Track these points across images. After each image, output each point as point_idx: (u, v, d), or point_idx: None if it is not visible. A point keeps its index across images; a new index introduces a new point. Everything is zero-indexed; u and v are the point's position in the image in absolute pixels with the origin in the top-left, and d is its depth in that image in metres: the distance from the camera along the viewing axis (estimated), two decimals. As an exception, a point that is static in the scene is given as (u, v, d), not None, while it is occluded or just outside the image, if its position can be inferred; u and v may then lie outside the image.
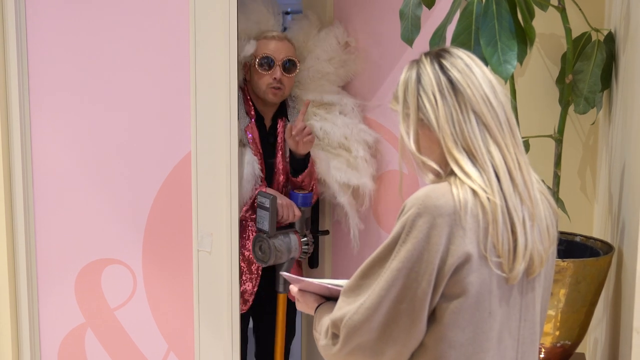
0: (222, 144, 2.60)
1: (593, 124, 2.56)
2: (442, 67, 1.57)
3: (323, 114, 2.98)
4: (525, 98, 2.50)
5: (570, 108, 2.37)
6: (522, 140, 2.24)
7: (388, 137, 3.03)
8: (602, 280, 2.18)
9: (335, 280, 1.76)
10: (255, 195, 2.81)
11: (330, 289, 1.73)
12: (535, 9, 2.18)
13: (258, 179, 2.83)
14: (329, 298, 1.77)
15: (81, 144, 2.77)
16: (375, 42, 3.03)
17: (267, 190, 2.83)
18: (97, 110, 2.75)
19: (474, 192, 1.50)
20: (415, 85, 1.59)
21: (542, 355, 2.21)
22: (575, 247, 2.33)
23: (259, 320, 3.10)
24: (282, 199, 2.84)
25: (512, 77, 2.15)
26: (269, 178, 2.92)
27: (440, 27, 2.11)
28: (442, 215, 1.47)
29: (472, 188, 1.50)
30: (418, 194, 1.51)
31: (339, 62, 3.01)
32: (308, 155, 2.90)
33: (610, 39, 2.37)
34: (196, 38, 2.58)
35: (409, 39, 2.19)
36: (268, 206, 2.74)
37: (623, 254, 2.11)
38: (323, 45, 2.99)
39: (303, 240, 2.89)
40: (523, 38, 2.01)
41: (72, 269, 2.84)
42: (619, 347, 2.06)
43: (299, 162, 2.90)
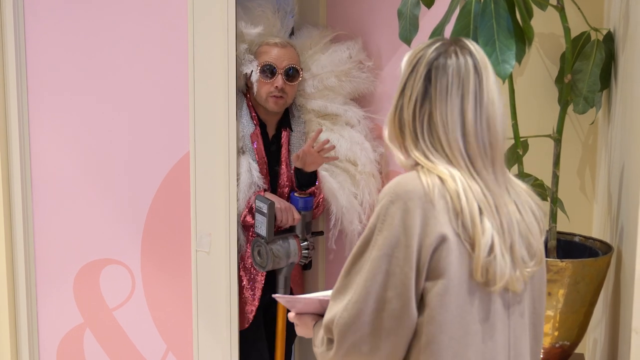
0: (221, 144, 2.59)
1: (592, 123, 2.55)
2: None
3: (329, 125, 2.92)
4: (524, 98, 2.50)
5: (570, 108, 2.36)
6: (521, 140, 2.26)
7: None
8: (601, 280, 2.17)
9: (326, 292, 1.75)
10: (254, 200, 2.78)
11: (322, 302, 1.73)
12: (535, 9, 2.18)
13: (257, 187, 2.80)
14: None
15: (80, 144, 2.77)
16: (369, 42, 3.01)
17: (265, 194, 2.80)
18: (95, 110, 2.75)
19: (440, 178, 1.54)
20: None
21: (541, 356, 2.20)
22: (574, 247, 2.32)
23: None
24: (282, 203, 2.81)
25: (511, 76, 2.14)
26: (272, 187, 2.89)
27: (439, 27, 2.11)
28: (412, 199, 1.52)
29: (438, 175, 1.55)
30: (389, 184, 1.56)
31: (347, 77, 2.93)
32: (315, 171, 2.87)
33: (610, 38, 2.37)
34: (194, 37, 2.57)
35: (407, 39, 2.18)
36: (265, 211, 2.72)
37: (622, 254, 2.10)
38: (332, 56, 2.92)
39: (303, 244, 2.85)
40: (521, 37, 2.00)
41: (71, 269, 2.83)
42: (618, 347, 2.06)
43: (305, 177, 2.85)
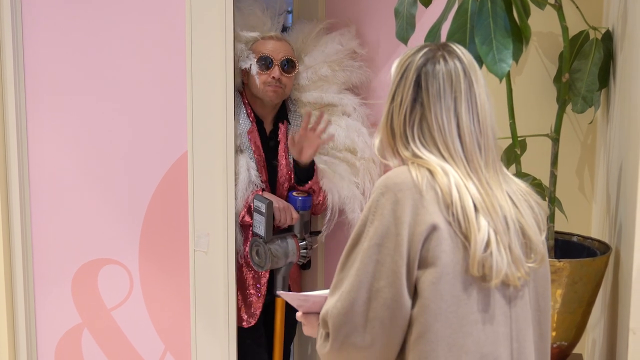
0: (219, 144, 2.59)
1: (591, 123, 2.55)
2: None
3: (325, 116, 2.94)
4: (522, 97, 2.49)
5: (569, 107, 2.36)
6: (519, 139, 2.26)
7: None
8: (598, 280, 2.16)
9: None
10: (252, 199, 2.78)
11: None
12: (533, 7, 2.17)
13: (255, 185, 2.80)
14: None
15: (77, 144, 2.77)
16: (368, 37, 3.01)
17: (263, 194, 2.80)
18: (93, 110, 2.74)
19: (430, 171, 1.57)
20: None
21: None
22: (572, 247, 2.32)
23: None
24: (279, 202, 2.81)
25: (509, 75, 2.14)
26: (271, 183, 2.90)
27: (435, 26, 2.10)
28: (402, 190, 1.54)
29: (428, 168, 1.57)
30: (380, 179, 1.59)
31: (339, 66, 2.95)
32: (312, 164, 2.87)
33: (608, 37, 2.36)
34: (192, 37, 2.57)
35: (404, 38, 2.18)
36: (264, 211, 2.72)
37: (620, 254, 2.10)
38: (323, 47, 2.95)
39: (301, 244, 2.85)
40: (518, 36, 2.00)
41: (69, 269, 2.83)
42: (616, 347, 2.05)
43: (303, 172, 2.86)
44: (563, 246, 2.31)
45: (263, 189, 2.83)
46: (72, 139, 2.77)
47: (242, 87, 2.91)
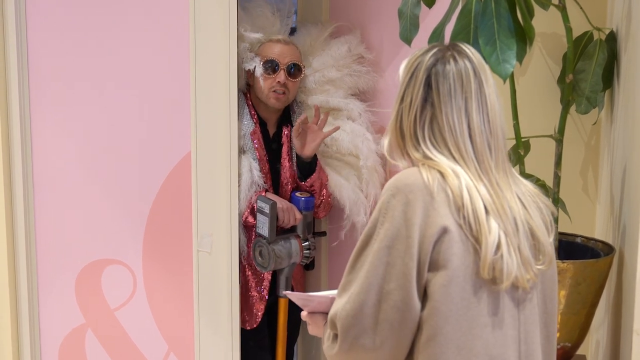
0: (222, 144, 2.59)
1: (595, 123, 2.54)
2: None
3: (330, 120, 2.92)
4: (526, 98, 2.49)
5: (573, 108, 2.35)
6: (523, 140, 2.25)
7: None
8: (602, 281, 2.16)
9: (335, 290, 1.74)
10: (255, 200, 2.78)
11: (334, 300, 1.72)
12: (537, 8, 2.17)
13: (258, 186, 2.80)
14: None
15: (81, 145, 2.77)
16: (372, 39, 3.00)
17: (267, 195, 2.80)
18: (96, 110, 2.74)
19: (441, 173, 1.56)
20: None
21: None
22: (576, 248, 2.31)
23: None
24: (283, 203, 2.81)
25: (512, 76, 2.13)
26: (274, 185, 2.89)
27: (439, 26, 2.10)
28: (413, 191, 1.53)
29: (439, 170, 1.56)
30: (390, 180, 1.58)
31: (347, 70, 2.94)
32: (315, 158, 2.87)
33: (612, 38, 2.35)
34: (196, 37, 2.57)
35: (407, 38, 2.18)
36: (268, 212, 2.72)
37: (624, 255, 2.09)
38: (332, 51, 2.93)
39: (304, 244, 2.85)
40: (522, 37, 1.99)
41: (72, 269, 2.84)
42: (620, 349, 2.04)
43: (306, 166, 2.86)
44: (567, 247, 2.31)
45: (266, 190, 2.83)
46: (75, 139, 2.77)
47: (246, 89, 2.90)
